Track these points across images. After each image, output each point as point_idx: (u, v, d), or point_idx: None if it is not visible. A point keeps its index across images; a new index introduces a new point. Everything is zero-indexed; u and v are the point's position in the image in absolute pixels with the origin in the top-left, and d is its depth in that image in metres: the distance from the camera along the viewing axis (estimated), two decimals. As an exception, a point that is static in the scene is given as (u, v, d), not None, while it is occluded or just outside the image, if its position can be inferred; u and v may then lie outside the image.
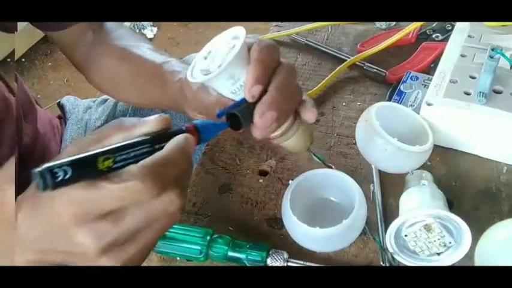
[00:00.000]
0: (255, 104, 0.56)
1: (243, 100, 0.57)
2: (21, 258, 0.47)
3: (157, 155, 0.46)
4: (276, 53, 0.59)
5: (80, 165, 0.42)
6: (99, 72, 0.87)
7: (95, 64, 0.87)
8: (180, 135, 0.49)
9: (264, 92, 0.56)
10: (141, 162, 0.45)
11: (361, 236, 0.71)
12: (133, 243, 0.45)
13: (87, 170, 0.42)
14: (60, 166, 0.41)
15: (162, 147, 0.47)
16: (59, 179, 0.41)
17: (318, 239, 0.68)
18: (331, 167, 0.74)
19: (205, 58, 0.60)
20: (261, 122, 0.56)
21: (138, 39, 0.86)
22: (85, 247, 0.43)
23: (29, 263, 0.47)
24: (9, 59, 2.57)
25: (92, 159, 0.43)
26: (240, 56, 0.56)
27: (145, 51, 0.80)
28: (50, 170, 0.40)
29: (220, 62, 0.57)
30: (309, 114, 0.62)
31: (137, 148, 0.46)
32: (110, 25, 0.89)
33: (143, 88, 0.79)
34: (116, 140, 0.47)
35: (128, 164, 0.44)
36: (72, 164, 0.41)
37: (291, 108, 0.61)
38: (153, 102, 0.79)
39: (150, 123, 0.49)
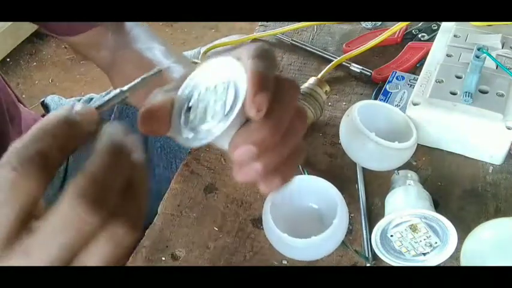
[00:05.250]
0: None
1: None
2: None
3: None
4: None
5: None
6: (118, 77, 0.87)
7: (117, 71, 0.86)
8: None
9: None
10: None
11: (346, 236, 0.71)
12: None
13: None
14: None
15: None
16: None
17: (295, 248, 0.67)
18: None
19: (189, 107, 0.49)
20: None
21: (152, 39, 0.85)
22: None
23: None
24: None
25: None
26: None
27: (156, 54, 0.80)
28: None
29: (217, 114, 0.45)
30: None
31: None
32: (128, 25, 0.88)
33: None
34: None
35: None
36: None
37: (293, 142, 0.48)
38: None
39: None
